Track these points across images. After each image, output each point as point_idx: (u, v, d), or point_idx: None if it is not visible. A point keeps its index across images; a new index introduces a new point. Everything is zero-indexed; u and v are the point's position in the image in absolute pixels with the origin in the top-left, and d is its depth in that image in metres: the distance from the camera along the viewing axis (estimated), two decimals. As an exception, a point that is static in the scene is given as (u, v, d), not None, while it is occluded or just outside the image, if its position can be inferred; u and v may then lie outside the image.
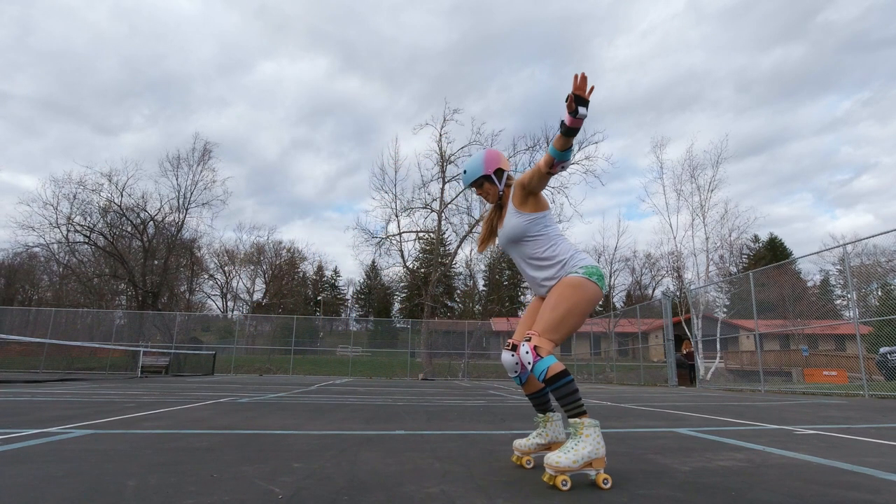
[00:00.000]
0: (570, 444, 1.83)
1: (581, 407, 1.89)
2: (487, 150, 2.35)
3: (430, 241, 29.20)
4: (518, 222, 2.16)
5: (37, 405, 4.98)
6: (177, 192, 28.66)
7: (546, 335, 1.96)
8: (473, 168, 2.30)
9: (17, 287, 43.34)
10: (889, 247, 27.17)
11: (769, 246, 51.77)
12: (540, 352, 1.92)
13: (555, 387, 1.89)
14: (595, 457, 1.81)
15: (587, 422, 1.85)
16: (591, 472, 1.82)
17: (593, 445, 1.82)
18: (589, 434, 1.83)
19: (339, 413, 4.73)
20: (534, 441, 2.19)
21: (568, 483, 1.77)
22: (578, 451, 1.80)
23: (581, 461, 1.78)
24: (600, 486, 1.79)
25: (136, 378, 14.61)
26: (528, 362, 1.92)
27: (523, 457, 2.20)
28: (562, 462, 1.77)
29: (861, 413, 5.49)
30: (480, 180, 2.30)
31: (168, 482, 1.78)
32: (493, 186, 2.30)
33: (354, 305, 69.20)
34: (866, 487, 1.83)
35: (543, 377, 1.90)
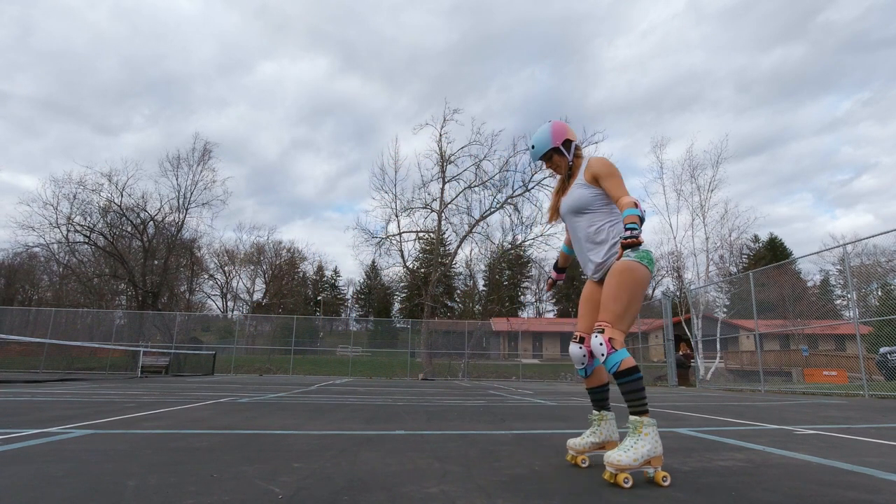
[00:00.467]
0: (630, 441, 1.85)
1: (645, 405, 1.91)
2: (554, 122, 2.36)
3: (430, 241, 29.20)
4: (583, 193, 2.19)
5: (37, 405, 4.98)
6: (177, 192, 28.68)
7: (617, 326, 1.97)
8: (542, 141, 2.32)
9: (17, 287, 43.33)
10: (889, 247, 27.19)
11: (769, 246, 51.74)
12: (614, 344, 1.94)
13: (624, 381, 1.92)
14: (654, 455, 1.84)
15: (647, 420, 1.87)
16: (650, 470, 1.85)
17: (652, 444, 1.84)
18: (648, 433, 1.85)
19: (339, 413, 4.73)
20: (589, 440, 2.19)
21: (630, 481, 1.79)
22: (638, 449, 1.82)
23: (641, 459, 1.81)
24: (659, 483, 1.82)
25: (136, 378, 14.61)
26: (602, 354, 1.93)
27: (578, 456, 2.20)
28: (623, 460, 1.79)
29: (861, 413, 5.49)
30: (550, 153, 2.32)
31: (168, 482, 1.78)
32: (562, 158, 2.33)
33: (354, 305, 69.22)
34: (866, 487, 1.83)
35: (616, 370, 1.92)
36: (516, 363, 30.40)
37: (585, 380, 2.24)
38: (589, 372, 2.20)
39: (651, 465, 1.84)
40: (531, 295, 62.29)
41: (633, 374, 1.92)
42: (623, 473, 1.80)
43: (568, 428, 3.78)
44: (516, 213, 26.78)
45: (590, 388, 2.26)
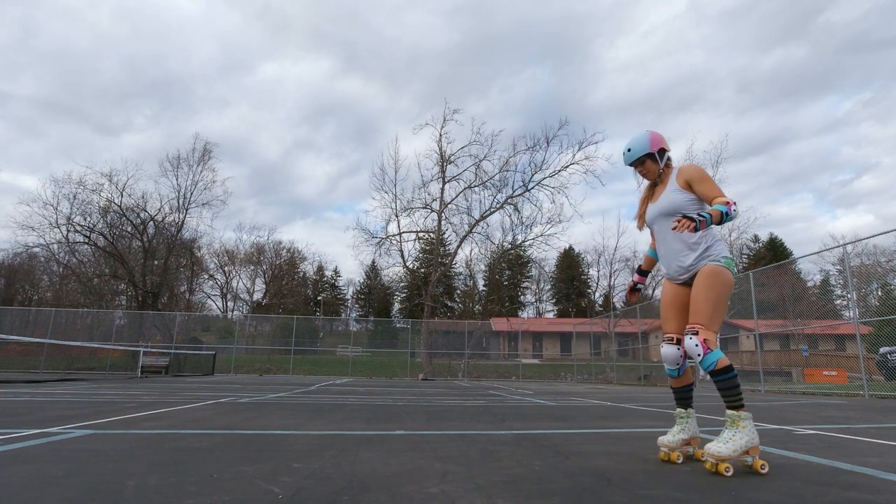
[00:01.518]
0: (728, 434, 2.01)
1: (741, 399, 2.05)
2: (651, 131, 2.46)
3: (430, 241, 29.20)
4: (677, 197, 2.30)
5: (37, 405, 4.98)
6: (177, 192, 28.67)
7: (709, 328, 2.09)
8: (639, 146, 2.42)
9: (17, 287, 43.33)
10: (889, 247, 27.19)
11: (769, 246, 51.74)
12: (710, 345, 2.05)
13: (721, 378, 2.05)
14: (751, 445, 2.00)
15: (743, 414, 2.03)
16: (748, 459, 2.00)
17: (749, 435, 2.00)
18: (745, 425, 2.01)
19: (339, 413, 4.73)
20: (679, 437, 2.29)
21: (731, 469, 1.92)
22: (737, 440, 1.97)
23: (740, 450, 1.96)
24: (758, 471, 1.96)
25: (136, 378, 14.61)
26: (698, 355, 2.05)
27: (671, 453, 2.27)
28: (724, 451, 1.94)
29: (861, 413, 5.49)
30: (644, 158, 2.42)
31: (168, 482, 1.78)
32: (654, 164, 2.43)
33: (354, 305, 69.22)
34: (866, 487, 1.83)
35: (713, 368, 2.04)
36: (516, 363, 30.40)
37: (674, 380, 2.34)
38: (681, 372, 2.31)
39: (749, 454, 1.99)
40: (531, 295, 62.36)
41: (729, 373, 2.05)
42: (724, 463, 1.93)
43: (568, 428, 3.78)
44: (516, 213, 26.79)
45: (677, 388, 2.37)
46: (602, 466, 2.18)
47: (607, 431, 3.56)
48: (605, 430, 3.61)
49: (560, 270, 60.58)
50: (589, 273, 60.08)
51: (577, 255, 59.42)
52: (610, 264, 52.84)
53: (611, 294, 54.62)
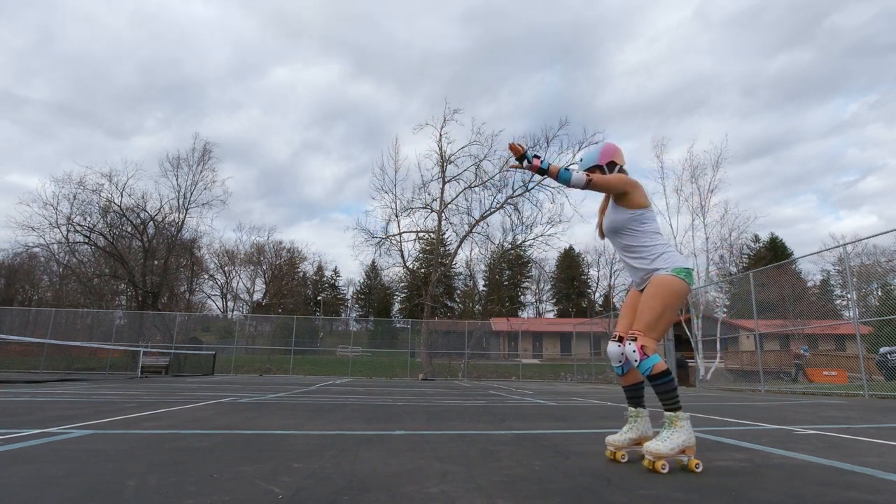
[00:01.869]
0: (666, 433, 2.10)
1: (678, 402, 2.15)
2: (606, 143, 2.55)
3: (430, 241, 29.20)
4: (618, 216, 2.39)
5: (37, 405, 4.98)
6: (177, 192, 28.66)
7: (649, 334, 2.17)
8: (589, 157, 2.50)
9: (17, 287, 43.33)
10: (889, 247, 27.19)
11: (769, 246, 51.73)
12: (646, 350, 2.14)
13: (657, 383, 2.16)
14: (687, 445, 2.09)
15: (681, 415, 2.12)
16: (684, 458, 2.09)
17: (686, 434, 2.09)
18: (682, 425, 2.10)
19: (339, 413, 4.73)
20: (627, 437, 2.33)
21: (667, 467, 2.03)
22: (674, 439, 2.06)
23: (676, 448, 2.05)
24: (693, 469, 2.05)
25: (136, 378, 14.61)
26: (635, 360, 2.14)
27: (617, 451, 2.31)
28: (661, 449, 2.04)
29: (861, 413, 5.49)
30: (593, 168, 2.48)
31: (168, 482, 1.78)
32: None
33: (354, 305, 69.21)
34: (866, 487, 1.83)
35: (649, 373, 2.13)
36: (516, 363, 30.40)
37: (622, 378, 2.39)
38: (626, 370, 2.36)
39: (685, 453, 2.08)
40: (531, 295, 62.34)
41: (666, 377, 2.14)
42: (661, 461, 2.03)
43: (568, 428, 3.78)
44: (516, 213, 26.78)
45: (626, 386, 2.41)
46: (602, 466, 2.18)
47: (607, 431, 3.55)
48: (605, 430, 3.61)
49: (560, 270, 60.59)
50: (589, 273, 60.22)
51: (578, 255, 59.49)
52: (610, 264, 52.90)
53: (611, 294, 54.66)
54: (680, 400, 2.15)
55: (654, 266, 2.29)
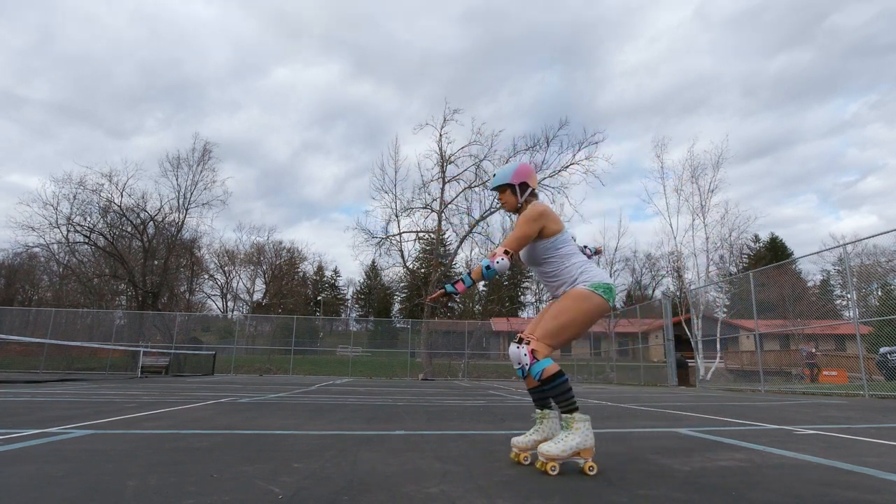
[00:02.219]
0: (561, 435, 2.08)
1: (573, 403, 2.09)
2: (521, 163, 2.53)
3: (430, 241, 29.19)
4: (531, 249, 2.37)
5: (37, 405, 4.98)
6: (177, 192, 28.67)
7: (544, 340, 2.16)
8: (502, 175, 2.48)
9: (17, 287, 43.32)
10: (889, 247, 27.18)
11: (769, 246, 51.75)
12: (536, 355, 2.12)
13: (549, 386, 2.13)
14: (583, 447, 2.04)
15: (578, 416, 2.08)
16: (579, 461, 2.05)
17: (582, 437, 2.05)
18: (579, 427, 2.06)
19: (339, 413, 4.73)
20: (531, 438, 2.29)
21: (557, 468, 2.00)
22: (567, 441, 2.04)
23: (569, 450, 2.02)
24: (586, 472, 2.00)
25: (136, 378, 14.61)
26: (525, 364, 2.13)
27: (521, 453, 2.28)
28: (552, 451, 2.01)
29: (861, 413, 5.49)
30: (504, 187, 2.47)
31: (168, 482, 1.78)
32: (513, 197, 2.47)
33: (354, 305, 69.19)
34: (866, 487, 1.83)
35: (539, 377, 2.11)
36: (516, 363, 30.34)
37: (525, 380, 2.35)
38: (525, 373, 2.30)
39: (581, 456, 2.04)
40: (531, 295, 62.29)
41: (557, 379, 2.11)
42: (552, 462, 2.01)
43: (568, 428, 3.78)
44: (516, 214, 26.77)
45: (530, 389, 2.37)
46: (602, 466, 2.18)
47: (607, 431, 3.56)
48: (605, 430, 3.61)
49: (560, 270, 60.57)
50: (589, 273, 60.13)
51: (578, 255, 59.41)
52: (610, 264, 52.82)
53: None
54: (576, 401, 2.12)
55: (577, 281, 2.26)
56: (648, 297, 46.59)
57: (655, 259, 40.84)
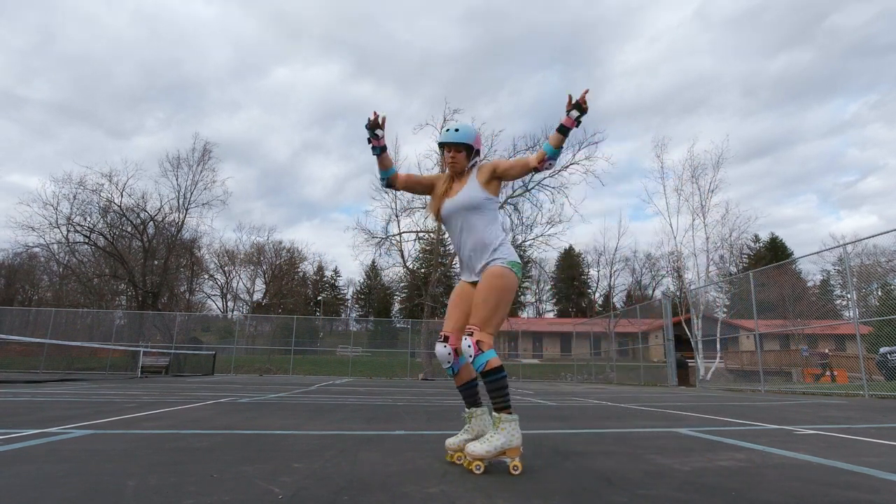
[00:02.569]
0: (488, 434, 2.07)
1: (507, 402, 2.09)
2: (477, 130, 2.50)
3: (430, 241, 29.20)
4: (477, 195, 2.31)
5: (37, 405, 4.98)
6: (177, 192, 28.68)
7: (485, 329, 2.12)
8: (467, 133, 2.39)
9: (17, 287, 43.32)
10: (889, 247, 27.18)
11: (769, 246, 51.76)
12: (482, 346, 2.08)
13: (490, 379, 2.08)
14: (509, 446, 2.04)
15: (505, 417, 2.06)
16: (506, 460, 2.06)
17: (507, 437, 2.04)
18: (505, 427, 2.05)
19: (339, 413, 4.73)
20: (462, 438, 2.28)
21: (481, 467, 2.01)
22: (493, 441, 2.03)
23: (494, 450, 2.02)
24: (511, 472, 2.01)
25: (136, 378, 14.61)
26: (470, 356, 2.08)
27: (454, 454, 2.27)
28: (477, 451, 2.01)
29: (861, 413, 5.49)
30: (462, 146, 2.39)
31: (168, 482, 1.78)
32: (465, 160, 2.41)
33: (354, 306, 69.18)
34: (866, 487, 1.83)
35: (483, 369, 2.08)
36: (516, 363, 30.39)
37: (454, 378, 2.33)
38: (456, 370, 2.30)
39: (506, 455, 2.04)
40: (531, 295, 62.30)
41: (499, 373, 2.08)
42: (477, 461, 2.01)
43: (568, 428, 3.78)
44: (516, 213, 26.79)
45: (459, 387, 2.35)
46: (602, 466, 2.18)
47: (607, 431, 3.56)
48: (605, 430, 3.61)
49: (560, 270, 60.61)
50: (589, 273, 60.23)
51: (578, 255, 59.48)
52: (610, 264, 52.87)
53: (611, 294, 54.65)
54: (510, 400, 2.10)
55: (493, 257, 2.22)
56: (648, 297, 46.62)
57: (655, 259, 40.90)
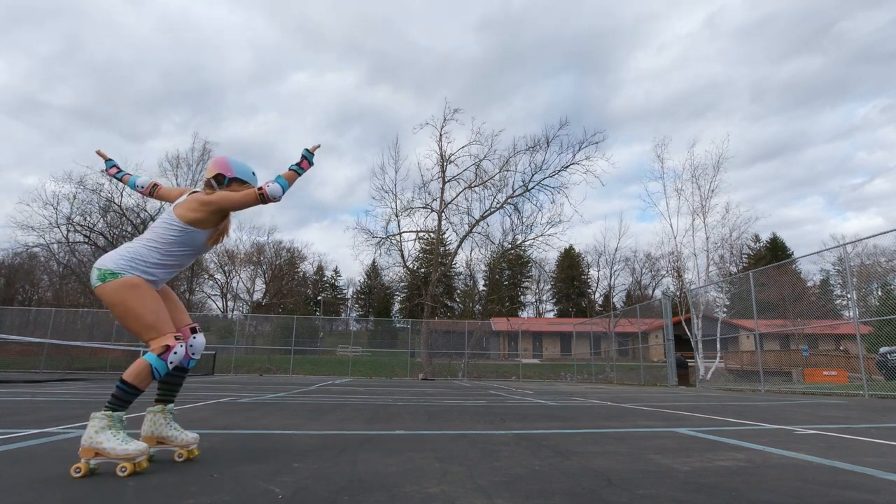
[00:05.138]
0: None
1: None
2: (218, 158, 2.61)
3: (430, 240, 29.21)
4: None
5: (37, 405, 4.98)
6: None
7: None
8: (243, 171, 2.52)
9: (17, 287, 43.27)
10: (889, 247, 27.20)
11: (770, 246, 51.76)
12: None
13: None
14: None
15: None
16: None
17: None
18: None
19: (339, 413, 4.73)
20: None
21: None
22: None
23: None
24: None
25: (136, 378, 14.58)
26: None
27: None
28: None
29: (861, 413, 5.49)
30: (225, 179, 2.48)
31: (168, 482, 1.78)
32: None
33: (354, 305, 69.17)
34: (866, 487, 1.83)
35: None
36: (516, 363, 30.40)
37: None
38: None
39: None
40: (531, 295, 62.30)
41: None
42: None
43: (568, 428, 3.78)
44: (516, 213, 26.82)
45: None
46: (602, 466, 2.18)
47: (607, 431, 3.56)
48: (605, 430, 3.61)
49: (560, 270, 60.56)
50: (589, 273, 60.21)
51: (578, 255, 59.46)
52: (610, 265, 52.87)
53: (611, 294, 54.64)
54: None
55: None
56: (648, 297, 46.60)
57: (655, 259, 40.86)
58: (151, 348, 2.10)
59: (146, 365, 2.06)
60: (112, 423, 1.97)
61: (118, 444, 1.90)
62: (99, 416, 1.96)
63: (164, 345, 2.09)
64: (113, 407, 2.02)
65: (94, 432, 1.92)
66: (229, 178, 2.46)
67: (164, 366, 2.10)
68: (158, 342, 2.10)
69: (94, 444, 1.89)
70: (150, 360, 2.07)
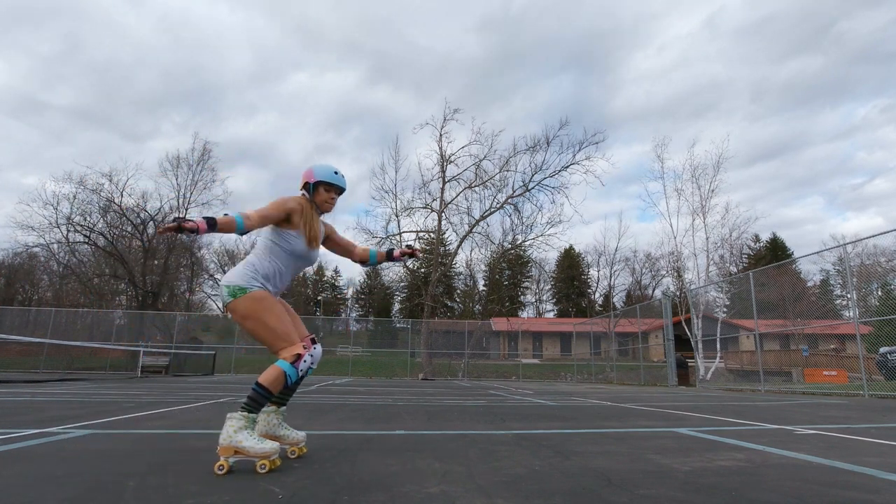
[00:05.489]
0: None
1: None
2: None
3: (430, 240, 29.20)
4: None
5: (37, 405, 4.98)
6: (176, 191, 28.73)
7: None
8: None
9: (17, 287, 43.28)
10: (889, 247, 27.20)
11: (770, 246, 51.77)
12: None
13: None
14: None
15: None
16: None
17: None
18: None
19: (339, 413, 4.73)
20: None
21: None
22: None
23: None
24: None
25: (136, 378, 14.61)
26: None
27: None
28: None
29: (861, 413, 5.49)
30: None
31: (168, 482, 1.78)
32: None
33: (354, 305, 69.18)
34: (866, 487, 1.83)
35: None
36: (516, 363, 30.39)
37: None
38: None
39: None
40: (531, 295, 62.29)
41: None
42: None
43: (568, 428, 3.78)
44: (516, 213, 26.82)
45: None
46: (602, 466, 2.18)
47: (607, 431, 3.56)
48: (605, 430, 3.61)
49: (560, 270, 60.56)
50: (589, 273, 60.19)
51: (578, 255, 59.44)
52: (610, 265, 52.84)
53: (611, 294, 54.61)
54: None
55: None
56: (648, 297, 46.59)
57: (655, 259, 40.85)
58: (282, 356, 2.17)
59: (280, 371, 2.14)
60: (248, 424, 2.06)
61: (256, 444, 2.00)
62: (237, 416, 2.06)
63: (295, 353, 2.18)
64: (249, 408, 2.11)
65: (232, 431, 2.01)
66: (313, 183, 2.54)
67: (296, 372, 2.18)
68: (289, 351, 2.18)
69: (233, 442, 1.99)
70: (284, 367, 2.15)
